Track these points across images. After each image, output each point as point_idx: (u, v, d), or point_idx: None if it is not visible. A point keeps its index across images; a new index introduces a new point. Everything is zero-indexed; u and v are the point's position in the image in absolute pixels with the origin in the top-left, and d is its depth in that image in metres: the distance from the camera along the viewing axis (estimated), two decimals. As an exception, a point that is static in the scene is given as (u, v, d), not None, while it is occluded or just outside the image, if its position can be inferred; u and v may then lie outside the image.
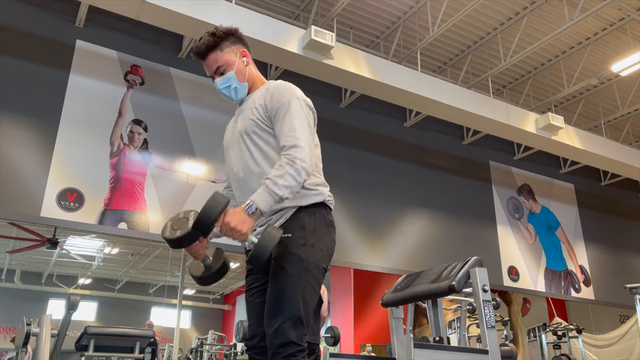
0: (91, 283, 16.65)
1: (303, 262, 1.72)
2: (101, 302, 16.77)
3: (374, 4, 7.17)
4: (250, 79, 1.99)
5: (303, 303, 1.69)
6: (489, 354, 1.98)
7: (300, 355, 1.64)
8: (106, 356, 4.31)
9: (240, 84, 1.96)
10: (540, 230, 9.56)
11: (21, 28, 5.99)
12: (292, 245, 1.73)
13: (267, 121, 1.86)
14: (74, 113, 5.98)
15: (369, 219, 7.72)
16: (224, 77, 1.94)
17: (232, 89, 1.95)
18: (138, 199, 6.08)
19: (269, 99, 1.87)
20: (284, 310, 1.67)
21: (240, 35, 2.00)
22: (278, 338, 1.64)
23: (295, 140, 1.75)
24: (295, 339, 1.64)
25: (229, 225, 1.63)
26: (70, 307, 3.70)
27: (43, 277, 15.86)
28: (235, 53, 1.97)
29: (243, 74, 1.97)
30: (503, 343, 5.93)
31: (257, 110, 1.88)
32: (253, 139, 1.86)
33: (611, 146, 8.87)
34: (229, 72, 1.94)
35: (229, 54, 1.95)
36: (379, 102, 7.71)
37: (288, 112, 1.81)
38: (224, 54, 1.94)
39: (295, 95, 1.87)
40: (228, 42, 1.95)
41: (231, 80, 1.94)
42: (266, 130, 1.86)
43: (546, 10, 7.24)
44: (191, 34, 6.08)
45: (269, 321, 1.68)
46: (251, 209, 1.65)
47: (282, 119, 1.80)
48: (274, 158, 1.82)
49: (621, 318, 11.18)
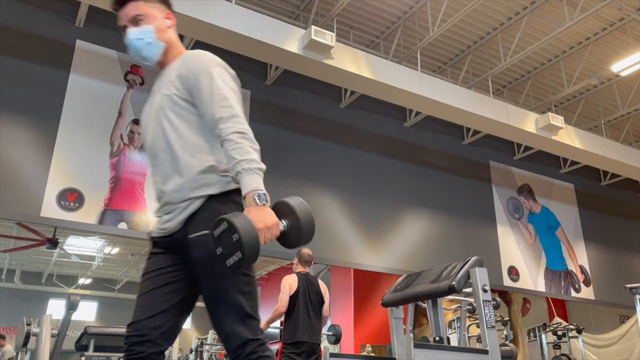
0: (91, 283, 16.65)
1: None
2: (101, 302, 16.77)
3: (374, 4, 7.17)
4: (169, 42, 1.79)
5: (244, 298, 1.56)
6: (489, 354, 1.99)
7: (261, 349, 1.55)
8: (106, 356, 4.32)
9: (156, 40, 1.75)
10: (540, 230, 9.56)
11: (21, 28, 5.99)
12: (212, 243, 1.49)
13: (184, 94, 1.66)
14: (74, 113, 5.98)
15: (369, 219, 7.72)
16: (140, 29, 1.74)
17: (146, 42, 1.74)
18: (138, 199, 6.08)
19: (186, 69, 1.68)
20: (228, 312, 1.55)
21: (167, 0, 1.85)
22: (233, 341, 1.55)
23: (232, 109, 1.57)
24: (250, 336, 1.55)
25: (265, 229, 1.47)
26: (70, 307, 3.71)
27: (43, 277, 15.86)
28: (160, 10, 1.79)
29: (163, 33, 1.77)
30: (503, 343, 5.93)
31: (173, 84, 1.69)
32: (169, 117, 1.67)
33: (611, 146, 8.88)
34: (147, 24, 1.75)
35: (153, 7, 1.77)
36: (379, 102, 7.71)
37: (213, 81, 1.62)
38: (147, 6, 1.76)
39: (217, 63, 1.69)
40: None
41: (147, 33, 1.74)
42: (182, 107, 1.67)
43: (546, 10, 7.24)
44: (191, 34, 6.08)
45: (218, 328, 1.58)
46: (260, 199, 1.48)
47: (210, 89, 1.61)
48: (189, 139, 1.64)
49: (621, 318, 11.18)
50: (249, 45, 5.93)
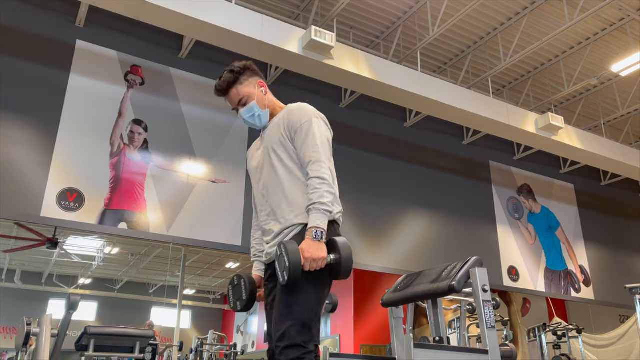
0: (91, 283, 16.66)
1: (309, 272, 1.82)
2: (101, 302, 16.77)
3: (374, 4, 7.17)
4: (270, 105, 2.19)
5: (308, 310, 1.81)
6: (489, 354, 1.99)
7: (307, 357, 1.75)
8: (106, 356, 4.31)
9: (262, 111, 2.16)
10: (540, 230, 9.56)
11: (21, 28, 5.99)
12: None
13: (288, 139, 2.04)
14: (74, 113, 5.98)
15: (369, 219, 7.72)
16: (247, 107, 2.14)
17: (256, 116, 2.15)
18: (138, 199, 6.08)
19: (289, 120, 2.05)
20: (290, 316, 1.79)
21: (255, 69, 2.22)
22: (284, 341, 1.76)
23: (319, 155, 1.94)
24: (301, 343, 1.75)
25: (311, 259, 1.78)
26: (70, 307, 3.70)
27: (43, 277, 15.86)
28: (254, 85, 2.17)
29: (263, 102, 2.16)
30: (503, 343, 5.93)
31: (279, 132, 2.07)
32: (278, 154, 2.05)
33: (611, 146, 8.87)
34: (250, 102, 2.14)
35: (248, 86, 2.16)
36: (379, 102, 7.71)
37: (310, 130, 2.00)
38: (244, 87, 2.15)
39: (315, 115, 2.06)
40: (245, 76, 2.16)
41: (254, 109, 2.14)
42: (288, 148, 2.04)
43: (546, 10, 7.24)
44: (191, 34, 6.08)
45: (276, 326, 1.81)
46: (317, 235, 1.81)
47: (305, 136, 1.99)
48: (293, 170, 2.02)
49: (621, 318, 11.18)
50: (249, 45, 5.93)
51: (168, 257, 13.58)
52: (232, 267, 15.31)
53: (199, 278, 16.44)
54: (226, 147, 6.81)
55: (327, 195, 1.87)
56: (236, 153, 6.83)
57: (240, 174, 6.75)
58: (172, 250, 12.78)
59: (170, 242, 6.89)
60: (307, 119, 2.02)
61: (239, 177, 6.74)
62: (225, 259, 14.42)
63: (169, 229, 6.13)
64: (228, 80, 2.14)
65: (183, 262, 12.02)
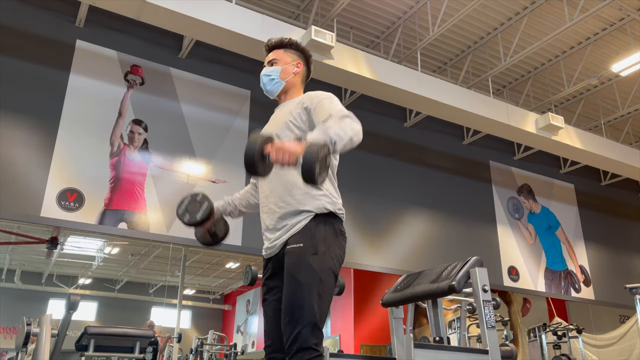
0: (91, 283, 16.64)
1: (315, 271, 1.80)
2: (101, 302, 16.76)
3: (374, 4, 7.17)
4: (290, 84, 2.15)
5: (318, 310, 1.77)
6: (489, 354, 1.99)
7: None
8: (106, 356, 4.31)
9: (279, 80, 2.14)
10: (540, 230, 9.56)
11: (21, 28, 5.98)
12: (304, 255, 1.82)
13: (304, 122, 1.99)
14: (74, 113, 5.97)
15: (369, 219, 7.71)
16: (271, 68, 2.16)
17: (270, 79, 2.15)
18: (138, 199, 6.08)
19: (310, 98, 2.01)
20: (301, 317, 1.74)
21: (306, 53, 2.22)
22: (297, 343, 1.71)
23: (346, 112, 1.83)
24: (313, 345, 1.72)
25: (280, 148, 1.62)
26: (70, 307, 3.70)
27: (43, 277, 15.85)
28: (292, 59, 2.17)
29: (286, 75, 2.14)
30: (503, 343, 5.93)
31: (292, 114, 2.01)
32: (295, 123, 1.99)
33: (611, 146, 8.87)
34: (277, 65, 2.15)
35: (287, 56, 2.17)
36: (379, 102, 7.71)
37: (332, 103, 1.94)
38: (283, 53, 2.17)
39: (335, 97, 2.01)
40: (292, 50, 2.19)
41: (274, 72, 2.15)
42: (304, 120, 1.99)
43: (546, 10, 7.24)
44: (191, 34, 6.08)
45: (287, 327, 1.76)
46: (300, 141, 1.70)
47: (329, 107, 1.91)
48: None
49: (621, 318, 11.18)
50: (249, 45, 5.93)
51: (168, 257, 13.57)
52: (232, 267, 15.31)
53: (199, 278, 16.44)
54: (226, 147, 6.81)
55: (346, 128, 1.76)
56: (236, 153, 6.82)
57: (240, 173, 6.75)
58: (172, 250, 12.77)
59: (170, 242, 6.89)
60: (328, 96, 2.00)
61: (239, 177, 6.73)
62: (225, 259, 14.42)
63: (168, 229, 6.13)
64: (278, 40, 2.19)
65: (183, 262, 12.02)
